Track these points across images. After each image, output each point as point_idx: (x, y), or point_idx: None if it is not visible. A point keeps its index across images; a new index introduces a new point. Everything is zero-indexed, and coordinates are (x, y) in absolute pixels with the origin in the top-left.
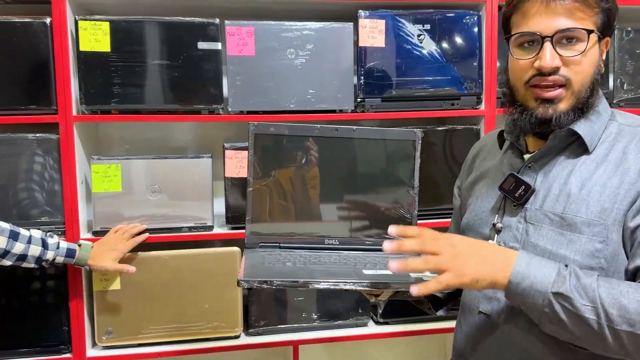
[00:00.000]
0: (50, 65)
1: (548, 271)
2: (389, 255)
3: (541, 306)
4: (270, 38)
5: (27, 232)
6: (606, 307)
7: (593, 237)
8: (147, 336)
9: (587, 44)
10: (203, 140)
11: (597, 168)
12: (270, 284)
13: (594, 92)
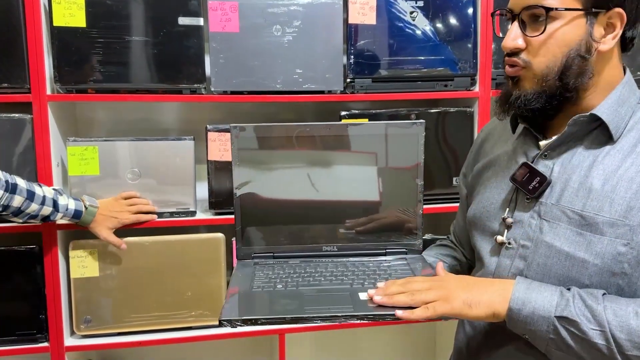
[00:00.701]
0: (22, 41)
1: (550, 294)
2: (388, 262)
3: (546, 332)
4: (256, 14)
5: (41, 192)
6: (614, 332)
7: (616, 239)
8: (128, 325)
9: (547, 23)
10: (185, 121)
11: (624, 160)
12: (254, 323)
13: (573, 75)
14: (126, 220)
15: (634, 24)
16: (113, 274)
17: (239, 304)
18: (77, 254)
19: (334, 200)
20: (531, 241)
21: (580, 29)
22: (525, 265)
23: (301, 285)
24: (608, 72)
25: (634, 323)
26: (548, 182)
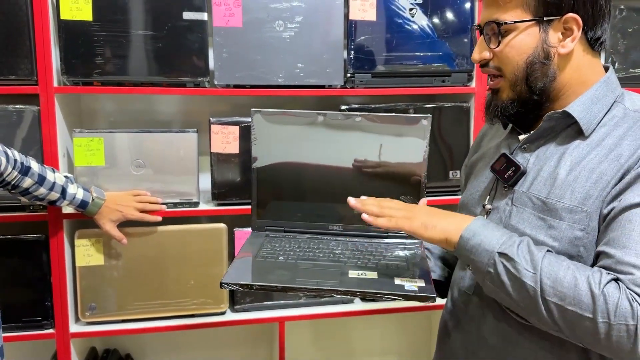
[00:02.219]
0: (30, 34)
1: (500, 234)
2: (384, 243)
3: (486, 265)
4: (259, 9)
5: (52, 178)
6: (543, 277)
7: (574, 225)
8: (132, 312)
9: (502, 36)
10: (189, 114)
11: (589, 153)
12: (249, 287)
13: (538, 78)
14: (130, 216)
15: (593, 26)
16: (117, 262)
17: (240, 270)
18: (82, 243)
19: (341, 182)
20: (504, 225)
21: (533, 37)
22: None
23: (300, 259)
24: (577, 72)
25: (562, 274)
26: (522, 172)
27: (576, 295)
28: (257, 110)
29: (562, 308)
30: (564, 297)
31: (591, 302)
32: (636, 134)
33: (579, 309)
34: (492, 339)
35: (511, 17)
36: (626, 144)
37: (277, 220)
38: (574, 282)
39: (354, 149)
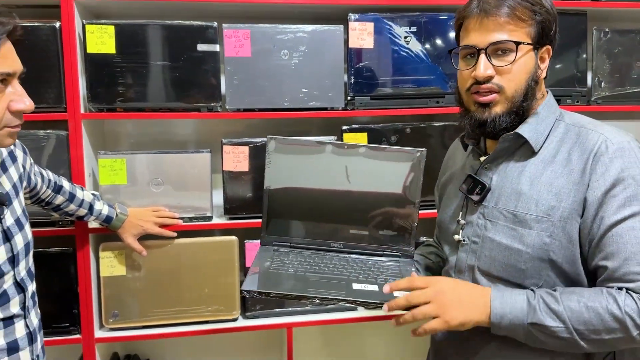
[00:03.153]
0: (60, 66)
1: (520, 304)
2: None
3: (523, 335)
4: (266, 40)
5: (81, 195)
6: (575, 326)
7: (542, 232)
8: (151, 319)
9: (516, 55)
10: (202, 135)
11: (545, 169)
12: (267, 295)
13: (529, 96)
14: (150, 230)
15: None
16: (138, 272)
17: (257, 279)
18: (106, 255)
19: (343, 205)
20: (479, 237)
21: (532, 59)
22: (476, 258)
23: (308, 272)
24: (539, 94)
25: (587, 315)
26: (487, 189)
27: (607, 326)
28: (272, 137)
29: (601, 340)
30: (598, 332)
31: (620, 326)
32: (581, 149)
33: (613, 335)
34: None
35: (520, 38)
36: (574, 159)
37: (284, 237)
38: (599, 317)
39: (356, 175)
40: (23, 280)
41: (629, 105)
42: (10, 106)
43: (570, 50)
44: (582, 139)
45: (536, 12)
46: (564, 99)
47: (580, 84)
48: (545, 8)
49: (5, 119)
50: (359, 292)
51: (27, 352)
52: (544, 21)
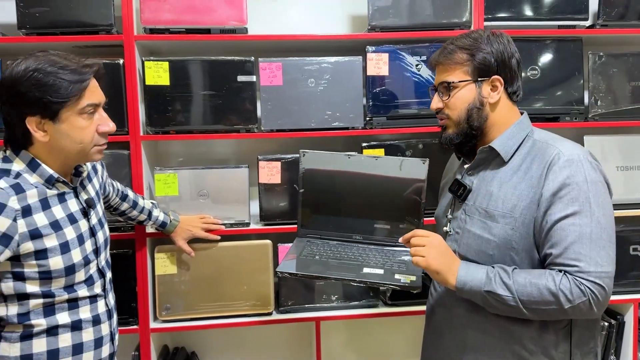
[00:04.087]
0: (123, 96)
1: (480, 276)
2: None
3: (480, 299)
4: (295, 70)
5: (142, 203)
6: (520, 296)
7: (506, 225)
8: (198, 312)
9: (451, 91)
10: (241, 153)
11: (513, 175)
12: (295, 275)
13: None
14: (198, 234)
15: (511, 84)
16: (187, 271)
17: (290, 264)
18: (161, 256)
19: (362, 205)
20: (460, 229)
21: (472, 91)
22: (457, 245)
23: (330, 258)
24: (500, 115)
25: (529, 289)
26: (469, 190)
27: (544, 299)
28: (304, 151)
29: (539, 309)
30: (538, 303)
31: (555, 299)
32: (541, 160)
33: (549, 306)
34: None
35: (456, 78)
36: (534, 168)
37: (315, 230)
38: (539, 291)
39: (372, 180)
40: (103, 267)
41: (623, 121)
42: (98, 129)
43: (568, 73)
44: (542, 152)
45: (473, 54)
46: (563, 116)
47: (578, 103)
48: (483, 49)
49: (95, 139)
50: (367, 274)
51: (107, 325)
52: (482, 60)
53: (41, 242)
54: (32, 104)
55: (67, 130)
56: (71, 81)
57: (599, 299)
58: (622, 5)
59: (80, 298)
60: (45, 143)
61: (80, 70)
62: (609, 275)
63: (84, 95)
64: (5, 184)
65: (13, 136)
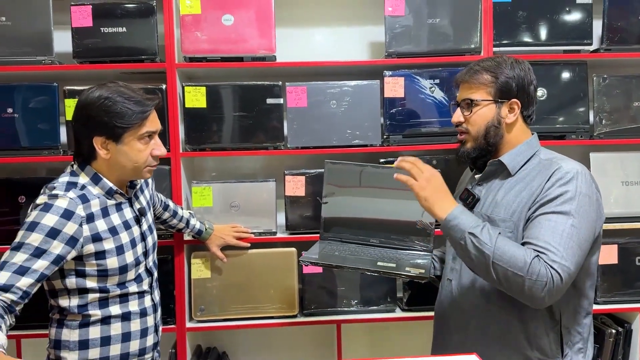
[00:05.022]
0: (165, 118)
1: (471, 220)
2: (407, 252)
3: (460, 238)
4: (319, 94)
5: (181, 213)
6: (495, 249)
7: (506, 229)
8: (229, 313)
9: (473, 108)
10: (269, 168)
11: (516, 186)
12: (315, 264)
13: (492, 136)
14: (230, 242)
15: (527, 108)
16: (220, 276)
17: (312, 255)
18: (196, 262)
19: (380, 212)
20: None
21: (491, 110)
22: None
23: (348, 255)
24: (514, 135)
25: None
26: (477, 199)
27: (514, 262)
28: (329, 161)
29: (504, 269)
30: (506, 262)
31: (523, 266)
32: (543, 175)
33: (515, 270)
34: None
35: (480, 97)
36: (537, 180)
37: (336, 234)
38: (514, 253)
39: (389, 189)
40: (151, 267)
41: (627, 139)
42: (152, 152)
43: (574, 94)
44: (545, 168)
45: (497, 77)
46: (569, 134)
47: (583, 122)
48: (506, 74)
49: (148, 160)
50: (380, 266)
51: (152, 317)
52: (504, 83)
53: (101, 245)
54: (100, 126)
55: (127, 151)
56: (135, 111)
57: (554, 286)
58: (625, 31)
59: (130, 293)
60: (106, 160)
61: (143, 102)
62: (569, 271)
63: (144, 123)
64: (74, 195)
65: (80, 152)
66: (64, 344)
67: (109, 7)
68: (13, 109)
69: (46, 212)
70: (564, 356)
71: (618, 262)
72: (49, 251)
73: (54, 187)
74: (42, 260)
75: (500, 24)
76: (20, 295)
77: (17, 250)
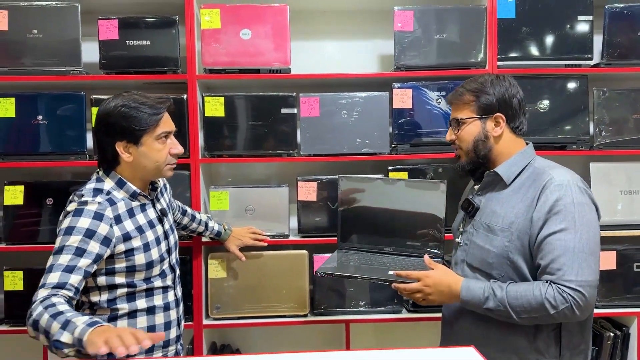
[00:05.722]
0: (186, 126)
1: (478, 294)
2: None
3: (482, 312)
4: (330, 104)
5: (199, 217)
6: (512, 309)
7: (503, 238)
8: (244, 311)
9: (460, 126)
10: (282, 175)
11: (512, 196)
12: (330, 275)
13: (481, 149)
14: (247, 242)
15: (512, 120)
16: (235, 276)
17: (327, 266)
18: (213, 262)
19: (392, 221)
20: (469, 241)
21: (477, 126)
22: (466, 255)
23: (362, 264)
24: (504, 146)
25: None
26: (477, 208)
27: (534, 308)
28: (342, 176)
29: (530, 317)
30: (528, 311)
31: (542, 307)
32: (536, 185)
33: (539, 313)
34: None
35: (464, 115)
36: (531, 191)
37: (352, 243)
38: (527, 301)
39: (399, 200)
40: (174, 264)
41: (626, 150)
42: (170, 151)
43: (575, 106)
44: (538, 177)
45: (478, 95)
46: (570, 145)
47: (584, 133)
48: (486, 91)
49: (167, 159)
50: (390, 275)
51: (175, 311)
52: (485, 100)
53: (130, 243)
54: (120, 131)
55: (147, 152)
56: (149, 114)
57: (580, 304)
58: (624, 47)
59: (155, 288)
60: (129, 163)
61: (156, 105)
62: (589, 283)
63: (159, 124)
64: (101, 199)
65: (105, 158)
66: None
67: (134, 21)
68: (43, 116)
69: (79, 217)
70: (562, 357)
71: (617, 268)
72: (89, 250)
73: (82, 194)
74: (84, 259)
75: (504, 39)
76: (74, 291)
77: (60, 253)
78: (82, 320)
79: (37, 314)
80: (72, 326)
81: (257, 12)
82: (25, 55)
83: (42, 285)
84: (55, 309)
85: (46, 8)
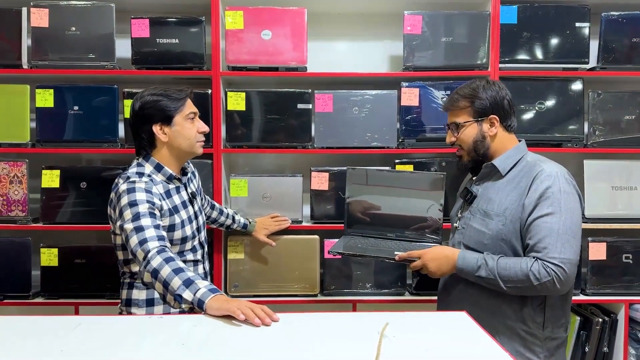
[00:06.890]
0: (210, 118)
1: (472, 263)
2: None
3: (473, 279)
4: (343, 101)
5: (227, 211)
6: (500, 278)
7: (498, 222)
8: (260, 290)
9: (459, 130)
10: (297, 165)
11: (507, 185)
12: (341, 254)
13: (480, 147)
14: (273, 229)
15: (505, 119)
16: (252, 257)
17: (337, 247)
18: (232, 244)
19: (396, 209)
20: (466, 225)
21: (474, 128)
22: (462, 237)
23: (369, 246)
24: (500, 143)
25: (507, 272)
26: (474, 196)
27: (520, 279)
28: (350, 167)
29: (516, 286)
30: (514, 282)
31: (527, 278)
32: (529, 175)
33: (523, 284)
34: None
35: (462, 120)
36: (523, 181)
37: (358, 230)
38: (515, 273)
39: (402, 190)
40: (203, 242)
41: (617, 148)
42: (198, 129)
43: (571, 107)
44: (531, 169)
45: (473, 101)
46: (565, 143)
47: (579, 132)
48: (479, 96)
49: (197, 136)
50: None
51: None
52: (480, 104)
53: (173, 218)
54: (155, 115)
55: (179, 130)
56: (176, 98)
57: (561, 278)
58: (619, 52)
59: (187, 261)
60: (165, 143)
61: (178, 92)
62: (570, 261)
63: (185, 105)
64: (147, 179)
65: (142, 145)
66: (134, 302)
67: (164, 21)
68: (79, 107)
69: (134, 192)
70: (544, 328)
71: (606, 258)
72: (157, 215)
73: (127, 177)
74: (157, 220)
75: (506, 43)
76: (168, 241)
77: (138, 219)
78: (204, 284)
79: (157, 264)
80: (195, 287)
81: (277, 14)
82: (63, 50)
83: (143, 240)
84: (175, 263)
85: (84, 7)
